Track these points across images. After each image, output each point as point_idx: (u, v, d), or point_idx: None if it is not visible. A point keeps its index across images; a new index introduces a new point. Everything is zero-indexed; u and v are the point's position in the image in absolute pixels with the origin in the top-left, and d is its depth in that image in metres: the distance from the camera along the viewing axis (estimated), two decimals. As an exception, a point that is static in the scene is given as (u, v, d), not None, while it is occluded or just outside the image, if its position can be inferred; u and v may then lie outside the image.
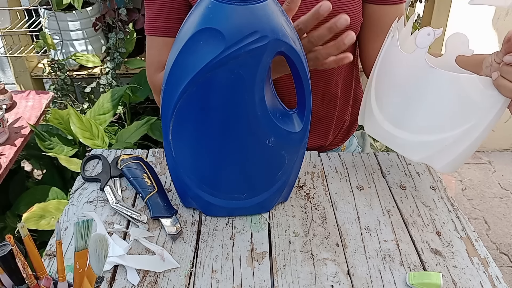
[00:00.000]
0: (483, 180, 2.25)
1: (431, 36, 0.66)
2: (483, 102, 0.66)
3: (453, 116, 0.68)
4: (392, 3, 0.86)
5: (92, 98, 1.79)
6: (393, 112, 0.73)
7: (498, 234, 1.96)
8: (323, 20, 0.70)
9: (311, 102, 0.65)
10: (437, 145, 0.70)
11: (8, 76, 2.00)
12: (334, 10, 0.81)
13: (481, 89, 0.65)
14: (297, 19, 0.81)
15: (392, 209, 0.76)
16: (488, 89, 0.65)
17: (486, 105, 0.66)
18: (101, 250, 0.46)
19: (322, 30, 0.66)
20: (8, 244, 0.46)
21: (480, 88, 0.65)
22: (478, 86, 0.65)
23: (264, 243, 0.69)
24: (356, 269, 0.65)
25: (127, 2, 1.68)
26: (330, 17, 0.65)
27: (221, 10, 0.55)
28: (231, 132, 0.63)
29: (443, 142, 0.70)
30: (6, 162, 1.23)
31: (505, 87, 0.63)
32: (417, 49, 0.67)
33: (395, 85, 0.72)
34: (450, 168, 0.73)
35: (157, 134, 1.51)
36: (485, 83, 0.65)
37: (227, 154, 0.65)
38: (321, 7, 0.64)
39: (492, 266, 0.67)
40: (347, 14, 0.85)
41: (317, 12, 0.65)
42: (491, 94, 0.65)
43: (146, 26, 0.87)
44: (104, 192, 0.77)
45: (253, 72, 0.58)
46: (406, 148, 0.74)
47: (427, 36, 0.66)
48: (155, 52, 0.88)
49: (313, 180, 0.82)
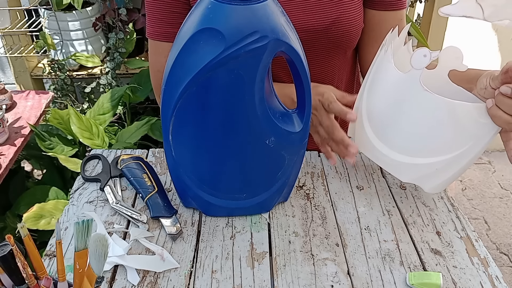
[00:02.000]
0: (483, 180, 2.25)
1: (427, 58, 0.65)
2: (476, 130, 0.66)
3: (446, 141, 0.68)
4: (392, 9, 0.86)
5: (92, 98, 1.79)
6: (385, 131, 0.72)
7: (498, 234, 1.96)
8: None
9: (311, 103, 0.66)
10: (428, 168, 0.70)
11: (8, 76, 2.00)
12: (335, 14, 0.82)
13: (475, 117, 0.65)
14: (295, 20, 0.82)
15: (392, 209, 0.76)
16: (482, 117, 0.65)
17: (480, 133, 0.66)
18: (101, 250, 0.46)
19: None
20: (8, 244, 0.46)
21: (474, 116, 0.65)
22: (472, 114, 0.65)
23: (264, 243, 0.69)
24: (356, 269, 0.65)
25: (127, 2, 1.68)
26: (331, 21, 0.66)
27: (221, 10, 0.55)
28: (231, 132, 0.63)
29: (434, 166, 0.70)
30: (6, 162, 1.23)
31: (499, 118, 0.63)
32: (412, 70, 0.66)
33: (388, 103, 0.71)
34: (437, 189, 0.74)
35: (157, 134, 1.51)
36: (479, 112, 0.64)
37: (227, 154, 0.65)
38: (348, 116, 0.72)
39: (492, 266, 0.67)
40: (348, 19, 0.86)
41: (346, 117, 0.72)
42: (485, 123, 0.65)
43: (148, 30, 0.86)
44: (104, 192, 0.77)
45: (253, 72, 0.58)
46: (396, 168, 0.73)
47: (423, 58, 0.65)
48: (159, 58, 0.86)
49: (313, 180, 0.82)
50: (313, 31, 0.82)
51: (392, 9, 0.86)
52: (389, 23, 0.85)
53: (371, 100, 0.74)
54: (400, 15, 0.88)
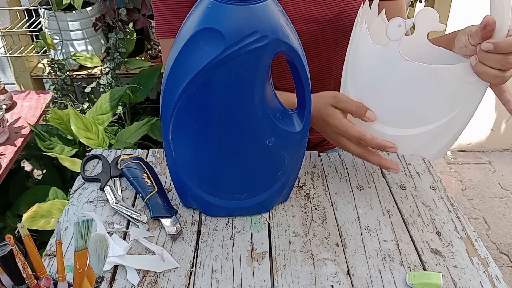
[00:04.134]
0: (483, 180, 2.25)
1: (402, 28, 0.63)
2: (465, 90, 0.65)
3: (436, 107, 0.67)
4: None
5: (92, 98, 1.79)
6: (376, 109, 0.71)
7: (498, 234, 1.96)
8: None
9: (311, 102, 0.66)
10: (425, 136, 0.70)
11: (8, 76, 2.00)
12: (341, 4, 0.83)
13: (461, 78, 0.64)
14: (294, 18, 0.82)
15: (392, 209, 0.76)
16: (468, 76, 0.63)
17: (469, 92, 0.65)
18: (101, 250, 0.46)
19: None
20: (8, 244, 0.46)
21: (460, 76, 0.64)
22: (458, 75, 0.64)
23: (264, 243, 0.69)
24: (356, 269, 0.65)
25: (127, 2, 1.68)
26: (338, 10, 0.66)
27: (221, 10, 0.55)
28: (231, 132, 0.63)
29: (431, 133, 0.69)
30: (6, 162, 1.23)
31: (486, 73, 0.62)
32: (390, 41, 0.65)
33: (371, 80, 0.70)
34: (440, 154, 0.73)
35: (157, 134, 1.51)
36: (465, 72, 0.63)
37: (227, 154, 0.65)
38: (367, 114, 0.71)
39: (492, 266, 0.67)
40: (351, 9, 0.87)
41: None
42: (472, 81, 0.64)
43: (158, 30, 0.85)
44: (104, 192, 0.77)
45: (253, 72, 0.58)
46: (395, 143, 0.72)
47: (398, 28, 0.63)
48: None
49: (313, 180, 0.82)
50: (322, 21, 0.84)
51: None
52: (388, 12, 0.86)
53: (355, 80, 0.73)
54: (400, 5, 0.89)
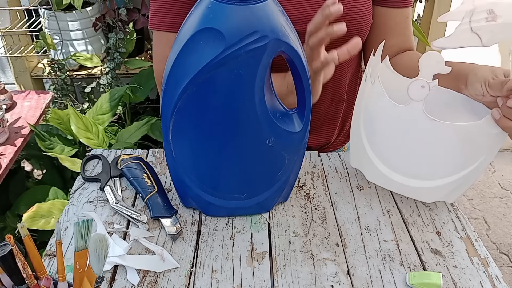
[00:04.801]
0: (483, 180, 2.25)
1: (425, 89, 0.64)
2: (488, 141, 0.67)
3: (461, 160, 0.69)
4: (398, 6, 0.86)
5: (92, 98, 1.79)
6: (398, 163, 0.72)
7: (498, 234, 1.96)
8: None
9: (311, 102, 0.65)
10: (450, 186, 0.71)
11: (8, 76, 2.00)
12: (346, 12, 0.82)
13: (486, 132, 0.65)
14: (295, 18, 0.82)
15: (392, 209, 0.76)
16: (492, 129, 0.65)
17: (492, 142, 0.67)
18: (101, 250, 0.46)
19: (320, 33, 0.66)
20: (8, 244, 0.46)
21: (485, 130, 0.65)
22: (483, 129, 0.65)
23: (264, 243, 0.69)
24: (356, 269, 0.65)
25: (127, 2, 1.68)
26: (342, 19, 0.65)
27: (221, 10, 0.55)
28: (231, 132, 0.63)
29: (455, 183, 0.71)
30: (6, 162, 1.23)
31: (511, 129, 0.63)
32: (412, 102, 0.65)
33: (392, 139, 0.71)
34: (459, 197, 0.76)
35: (157, 134, 1.51)
36: (488, 125, 0.64)
37: (227, 154, 0.65)
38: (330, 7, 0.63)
39: (492, 266, 0.67)
40: (360, 12, 0.86)
41: (327, 11, 0.64)
42: (496, 133, 0.65)
43: (152, 21, 0.85)
44: (104, 192, 0.77)
45: (253, 72, 0.58)
46: (420, 194, 0.75)
47: (421, 89, 0.64)
48: (164, 48, 0.84)
49: (313, 180, 0.82)
50: None
51: (398, 7, 0.86)
52: (395, 20, 0.86)
53: (372, 135, 0.74)
54: (406, 13, 0.88)
